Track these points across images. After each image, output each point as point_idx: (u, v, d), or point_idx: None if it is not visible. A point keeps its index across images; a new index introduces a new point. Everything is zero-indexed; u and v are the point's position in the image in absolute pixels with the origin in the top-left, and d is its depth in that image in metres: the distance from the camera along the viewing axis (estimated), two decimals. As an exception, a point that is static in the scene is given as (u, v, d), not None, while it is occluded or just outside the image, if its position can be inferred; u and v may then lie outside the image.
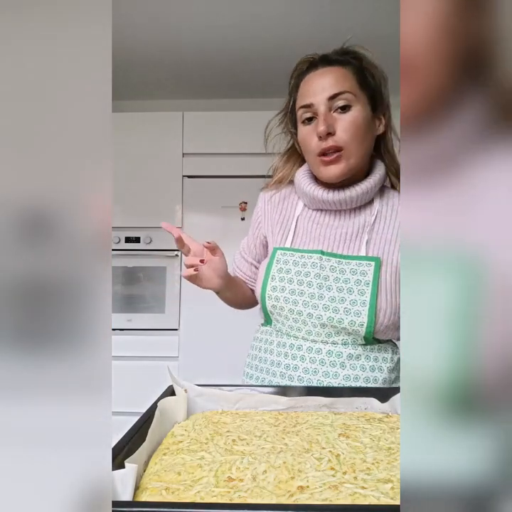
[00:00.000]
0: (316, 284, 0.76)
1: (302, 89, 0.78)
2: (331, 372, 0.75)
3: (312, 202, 0.81)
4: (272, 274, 0.80)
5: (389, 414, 0.61)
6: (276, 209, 0.88)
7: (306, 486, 0.39)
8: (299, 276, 0.78)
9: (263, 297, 0.81)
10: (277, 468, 0.43)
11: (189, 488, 0.39)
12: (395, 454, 0.46)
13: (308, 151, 0.78)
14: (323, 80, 0.75)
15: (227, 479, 0.40)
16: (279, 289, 0.78)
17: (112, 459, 0.41)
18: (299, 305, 0.77)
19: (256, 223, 0.92)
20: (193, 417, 0.60)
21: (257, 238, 0.91)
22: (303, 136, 0.78)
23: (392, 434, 0.53)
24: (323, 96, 0.74)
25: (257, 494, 0.38)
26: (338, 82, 0.74)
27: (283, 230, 0.85)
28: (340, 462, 0.44)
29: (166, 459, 0.46)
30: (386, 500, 0.36)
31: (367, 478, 0.40)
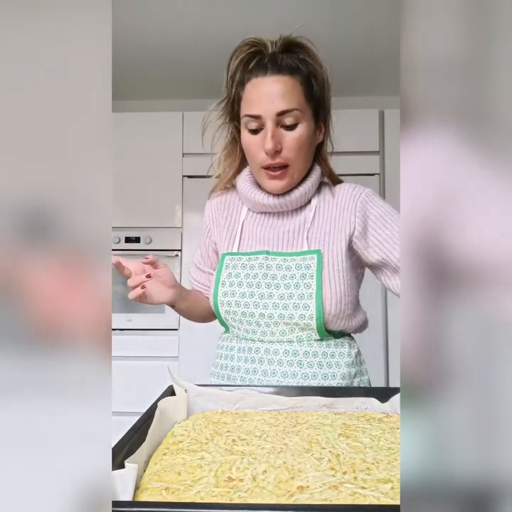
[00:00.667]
0: (264, 284, 0.77)
1: (249, 94, 0.75)
2: (289, 372, 0.75)
3: (255, 206, 0.83)
4: (221, 280, 0.81)
5: (389, 414, 0.61)
6: (222, 215, 0.88)
7: (306, 486, 0.39)
8: (248, 279, 0.78)
9: (216, 304, 0.81)
10: (277, 468, 0.43)
11: (189, 488, 0.39)
12: (395, 454, 0.46)
13: (252, 161, 0.79)
14: (272, 91, 0.72)
15: (227, 479, 0.40)
16: (230, 293, 0.79)
17: (112, 459, 0.41)
18: (250, 307, 0.77)
19: (206, 232, 0.91)
20: (193, 417, 0.60)
21: (209, 246, 0.91)
22: (247, 145, 0.78)
23: (392, 434, 0.53)
24: (271, 110, 0.72)
25: (257, 494, 0.38)
26: (287, 96, 0.72)
27: (229, 235, 0.86)
28: (340, 462, 0.44)
29: (166, 459, 0.46)
30: (386, 500, 0.36)
31: (367, 478, 0.40)
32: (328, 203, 0.82)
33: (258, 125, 0.74)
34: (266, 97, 0.72)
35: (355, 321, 0.80)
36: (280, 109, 0.72)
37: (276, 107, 0.72)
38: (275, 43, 0.76)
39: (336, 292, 0.75)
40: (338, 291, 0.75)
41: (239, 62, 0.77)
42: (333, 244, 0.78)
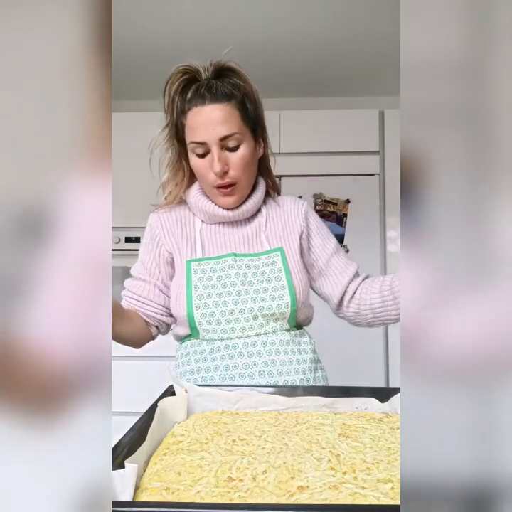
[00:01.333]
0: (238, 282, 0.82)
1: (192, 122, 0.81)
2: (269, 361, 0.80)
3: (212, 217, 0.89)
4: (193, 284, 0.82)
5: (389, 414, 0.61)
6: (176, 225, 0.90)
7: (306, 486, 0.39)
8: (221, 280, 0.82)
9: (190, 310, 0.81)
10: (277, 468, 0.43)
11: (189, 488, 0.39)
12: (395, 454, 0.46)
13: (203, 182, 0.86)
14: (213, 118, 0.79)
15: (227, 479, 0.40)
16: (206, 295, 0.81)
17: (112, 459, 0.41)
18: (229, 305, 0.81)
19: (155, 242, 0.90)
20: (193, 417, 0.60)
21: (160, 257, 0.89)
22: (196, 168, 0.84)
23: (392, 434, 0.53)
24: (214, 136, 0.79)
25: (257, 494, 0.38)
26: (226, 122, 0.80)
27: (190, 243, 0.88)
28: (340, 462, 0.44)
29: (166, 459, 0.46)
30: (386, 500, 0.36)
31: (367, 478, 0.40)
32: (275, 210, 0.94)
33: (204, 150, 0.81)
34: (208, 125, 0.79)
35: (310, 311, 0.91)
36: (222, 134, 0.80)
37: (218, 133, 0.79)
38: (207, 69, 0.83)
39: (301, 281, 0.85)
40: (303, 281, 0.86)
41: (175, 90, 0.83)
42: (289, 243, 0.89)
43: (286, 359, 0.81)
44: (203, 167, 0.83)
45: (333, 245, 0.92)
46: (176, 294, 0.84)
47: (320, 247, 0.92)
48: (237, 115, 0.82)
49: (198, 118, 0.80)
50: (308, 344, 0.86)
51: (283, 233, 0.90)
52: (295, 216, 0.92)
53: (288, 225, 0.91)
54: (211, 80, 0.82)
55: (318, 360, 0.89)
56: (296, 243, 0.89)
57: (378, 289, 0.85)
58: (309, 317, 0.92)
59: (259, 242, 0.89)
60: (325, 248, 0.91)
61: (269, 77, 2.36)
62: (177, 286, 0.85)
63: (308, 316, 0.91)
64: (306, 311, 0.88)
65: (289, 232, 0.90)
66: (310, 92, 2.66)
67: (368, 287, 0.87)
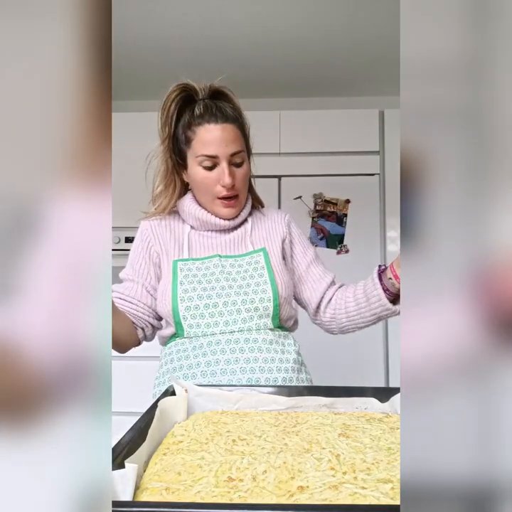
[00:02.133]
0: (223, 278, 0.87)
1: (203, 137, 0.88)
2: (252, 358, 0.81)
3: (204, 225, 0.95)
4: (179, 280, 0.87)
5: (389, 414, 0.61)
6: (165, 229, 0.96)
7: (306, 486, 0.39)
8: (206, 277, 0.87)
9: (175, 304, 0.84)
10: (277, 468, 0.43)
11: (189, 488, 0.39)
12: (395, 454, 0.46)
13: (206, 193, 0.91)
14: (225, 136, 0.87)
15: (227, 479, 0.40)
16: (191, 289, 0.85)
17: (112, 459, 0.41)
18: (213, 298, 0.85)
19: (145, 244, 0.95)
20: (193, 417, 0.60)
21: (149, 258, 0.94)
22: (202, 179, 0.90)
23: (392, 434, 0.53)
24: (227, 152, 0.87)
25: (257, 494, 0.38)
26: (236, 140, 0.89)
27: (177, 244, 0.94)
28: (340, 462, 0.44)
29: (166, 459, 0.46)
30: (386, 500, 0.36)
31: (367, 478, 0.40)
32: (260, 219, 1.02)
33: (212, 163, 0.88)
34: (221, 141, 0.87)
35: (293, 312, 0.94)
36: (233, 151, 0.88)
37: (230, 150, 0.88)
38: (203, 90, 0.91)
39: (283, 279, 0.90)
40: (285, 278, 0.91)
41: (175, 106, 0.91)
42: (272, 245, 0.95)
43: (269, 357, 0.82)
44: (209, 179, 0.89)
45: (312, 254, 1.00)
46: (162, 290, 0.88)
47: (301, 254, 0.99)
48: (241, 135, 0.91)
49: (212, 134, 0.87)
50: (292, 346, 0.88)
51: (266, 236, 0.98)
52: (278, 223, 1.00)
53: (271, 230, 0.99)
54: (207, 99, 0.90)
55: (302, 362, 0.90)
56: (279, 245, 0.96)
57: (352, 293, 0.91)
58: (293, 317, 0.94)
59: (243, 245, 0.95)
60: (305, 255, 0.99)
61: (269, 77, 2.37)
62: (163, 283, 0.89)
63: (292, 316, 0.93)
64: (289, 309, 0.91)
65: (272, 235, 0.98)
66: (310, 92, 2.66)
67: (343, 293, 0.94)
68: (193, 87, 0.91)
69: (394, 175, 2.39)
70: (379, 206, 2.41)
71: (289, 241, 0.99)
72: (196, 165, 0.90)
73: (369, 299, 0.87)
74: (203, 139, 0.88)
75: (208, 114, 0.88)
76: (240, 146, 0.90)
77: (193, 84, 0.91)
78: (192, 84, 0.91)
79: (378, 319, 0.90)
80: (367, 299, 0.87)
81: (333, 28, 2.05)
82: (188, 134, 0.90)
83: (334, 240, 2.39)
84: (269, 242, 0.96)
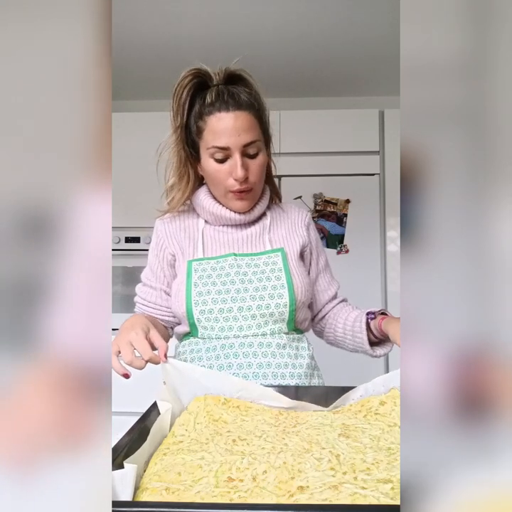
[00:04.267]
0: (237, 280, 0.84)
1: (214, 127, 0.81)
2: (264, 363, 0.80)
3: (219, 220, 0.90)
4: (193, 281, 0.84)
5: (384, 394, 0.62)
6: (179, 228, 0.93)
7: (306, 486, 0.39)
8: (220, 278, 0.84)
9: (189, 306, 0.82)
10: (277, 468, 0.43)
11: (189, 488, 0.39)
12: (395, 454, 0.46)
13: (219, 186, 0.86)
14: (238, 125, 0.81)
15: (228, 479, 0.40)
16: (205, 292, 0.83)
17: (112, 459, 0.41)
18: (228, 302, 0.82)
19: (159, 246, 0.93)
20: (194, 404, 0.60)
21: (164, 260, 0.92)
22: (214, 173, 0.84)
23: (392, 434, 0.53)
24: (239, 142, 0.81)
25: (257, 494, 0.38)
26: (250, 129, 0.82)
27: (192, 243, 0.90)
28: (340, 462, 0.44)
29: (166, 459, 0.46)
30: (386, 500, 0.36)
31: (367, 478, 0.40)
32: (280, 215, 0.97)
33: (224, 155, 0.82)
34: (233, 131, 0.81)
35: (309, 313, 0.92)
36: (246, 141, 0.81)
37: (242, 140, 0.81)
38: (218, 74, 0.83)
39: (302, 282, 0.86)
40: (305, 281, 0.87)
41: (187, 93, 0.83)
42: (291, 246, 0.91)
43: (282, 362, 0.81)
44: (221, 172, 0.84)
45: (324, 261, 0.97)
46: (176, 291, 0.86)
47: (315, 261, 0.96)
48: (256, 124, 0.84)
49: (223, 123, 0.81)
50: (306, 350, 0.86)
51: (286, 236, 0.93)
52: (298, 225, 0.95)
53: (291, 231, 0.94)
54: (221, 85, 0.83)
55: (315, 367, 0.89)
56: (297, 248, 0.91)
57: (343, 322, 0.90)
58: (308, 318, 0.92)
59: (261, 242, 0.91)
60: (318, 263, 0.96)
61: (269, 77, 2.36)
62: (177, 284, 0.87)
63: (307, 318, 0.91)
64: (305, 311, 0.89)
65: (292, 236, 0.93)
66: (310, 92, 2.66)
67: (337, 313, 0.93)
68: (206, 71, 0.83)
69: (394, 175, 2.38)
70: (379, 206, 2.41)
71: (309, 248, 0.94)
72: (208, 157, 0.84)
73: (354, 337, 0.87)
74: (214, 129, 0.81)
75: (219, 102, 0.81)
76: (255, 136, 0.83)
77: (207, 68, 0.83)
78: (205, 69, 0.83)
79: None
80: (352, 335, 0.88)
81: (334, 27, 2.04)
82: (199, 124, 0.84)
83: (334, 240, 2.39)
84: (287, 242, 0.92)
